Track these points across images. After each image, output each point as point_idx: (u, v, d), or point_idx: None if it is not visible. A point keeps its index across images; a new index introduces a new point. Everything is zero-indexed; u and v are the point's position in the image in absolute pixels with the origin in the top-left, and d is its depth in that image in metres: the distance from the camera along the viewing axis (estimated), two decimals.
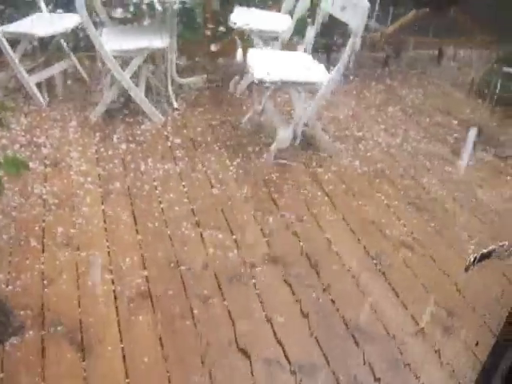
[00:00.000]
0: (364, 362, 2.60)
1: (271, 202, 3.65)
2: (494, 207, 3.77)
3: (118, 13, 4.84)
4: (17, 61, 4.60)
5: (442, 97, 5.36)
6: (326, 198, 3.73)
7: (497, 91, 4.55)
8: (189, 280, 2.98)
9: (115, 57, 4.24)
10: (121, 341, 2.60)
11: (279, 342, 2.65)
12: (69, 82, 5.13)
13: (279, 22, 4.86)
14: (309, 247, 3.27)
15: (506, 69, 4.89)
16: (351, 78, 5.33)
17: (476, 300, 2.98)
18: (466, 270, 1.28)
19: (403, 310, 2.91)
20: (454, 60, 6.16)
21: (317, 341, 2.69)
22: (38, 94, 4.71)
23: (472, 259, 1.24)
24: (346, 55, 3.80)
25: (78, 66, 5.11)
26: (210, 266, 3.08)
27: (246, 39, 4.88)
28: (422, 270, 3.18)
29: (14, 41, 4.63)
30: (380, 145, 4.42)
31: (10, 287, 2.88)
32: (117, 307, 2.79)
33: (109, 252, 3.15)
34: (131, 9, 4.85)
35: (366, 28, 3.88)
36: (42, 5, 4.97)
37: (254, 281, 3.01)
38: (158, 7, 4.61)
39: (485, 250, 1.22)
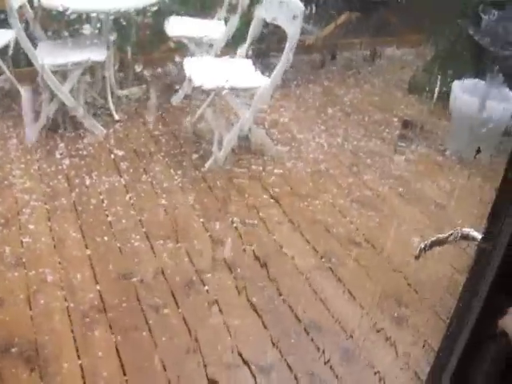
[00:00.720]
0: (320, 357, 2.66)
1: (218, 208, 3.68)
2: (437, 200, 3.88)
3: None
4: None
5: (378, 95, 5.47)
6: (272, 200, 3.78)
7: (433, 88, 4.66)
8: (142, 291, 2.99)
9: (53, 71, 4.20)
10: (78, 357, 2.61)
11: (236, 346, 2.69)
12: (6, 98, 5.05)
13: (214, 29, 4.89)
14: (259, 250, 3.32)
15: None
16: (289, 81, 5.40)
17: (425, 290, 3.07)
18: (417, 257, 1.34)
19: (355, 304, 2.98)
20: (387, 59, 6.29)
21: (272, 341, 2.74)
22: None
23: (423, 246, 1.30)
24: (283, 60, 3.86)
25: (15, 82, 5.03)
26: (162, 276, 3.10)
27: (182, 47, 4.90)
28: (370, 264, 3.26)
29: None
30: (322, 145, 4.49)
31: None
32: (71, 323, 2.79)
33: (59, 269, 3.13)
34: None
35: (301, 31, 3.94)
36: None
37: (206, 287, 3.04)
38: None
39: (437, 236, 1.28)
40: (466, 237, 1.20)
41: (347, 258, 3.32)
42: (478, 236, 1.14)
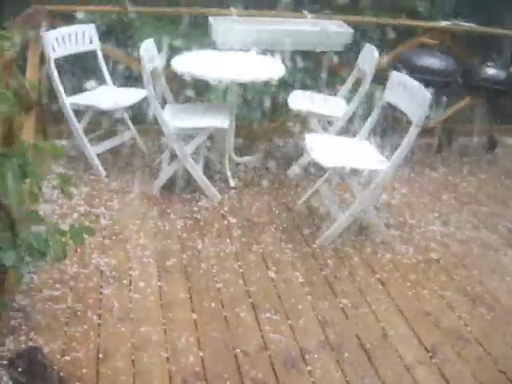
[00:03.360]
0: None
1: (327, 288, 3.65)
2: None
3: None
4: (80, 131, 4.76)
5: (495, 186, 5.35)
6: (381, 286, 3.72)
7: None
8: (244, 363, 2.98)
9: (176, 134, 4.36)
10: None
11: None
12: (129, 154, 5.26)
13: (336, 107, 4.96)
14: (364, 335, 3.25)
15: None
16: (404, 163, 5.36)
17: None
18: None
19: None
20: (506, 148, 6.17)
21: None
22: (99, 165, 4.84)
23: None
24: (405, 145, 3.85)
25: (138, 139, 5.25)
26: (265, 350, 3.08)
27: (303, 122, 4.98)
28: (477, 365, 3.13)
29: (79, 110, 4.80)
30: (434, 233, 4.40)
31: (64, 358, 2.92)
32: None
33: (165, 330, 3.17)
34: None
35: None
36: (108, 78, 5.16)
37: (308, 368, 2.99)
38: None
39: None
40: None
41: (453, 354, 3.19)
42: None
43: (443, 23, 5.78)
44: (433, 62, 5.35)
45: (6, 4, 5.27)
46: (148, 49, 4.36)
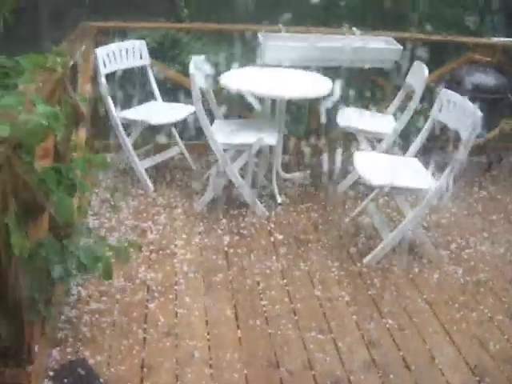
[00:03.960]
0: None
1: (373, 307, 3.61)
2: None
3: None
4: (129, 145, 4.82)
5: None
6: (428, 306, 3.66)
7: None
8: (288, 382, 2.96)
9: (224, 149, 4.38)
10: None
11: None
12: (176, 168, 5.31)
13: (384, 124, 4.93)
14: (410, 358, 3.20)
15: None
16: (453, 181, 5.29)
17: None
18: None
19: None
20: None
21: None
22: (147, 179, 4.89)
23: None
24: (455, 164, 3.80)
25: (186, 154, 5.30)
26: (310, 370, 3.06)
27: (351, 139, 4.95)
28: None
29: (128, 125, 4.87)
30: (483, 253, 4.32)
31: (110, 371, 2.95)
32: None
33: (209, 346, 3.17)
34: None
35: None
36: (157, 94, 5.22)
37: None
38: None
39: None
40: None
41: (502, 378, 3.12)
42: None
43: (494, 39, 5.69)
44: (483, 78, 5.27)
45: (63, 20, 5.40)
46: (197, 65, 4.40)
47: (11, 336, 2.58)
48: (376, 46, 5.30)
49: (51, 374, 2.87)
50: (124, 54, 4.97)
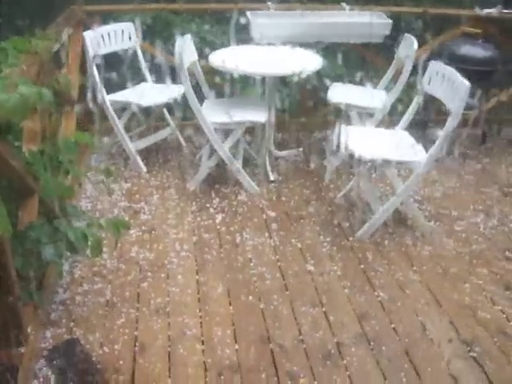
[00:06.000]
0: None
1: (364, 280, 3.62)
2: None
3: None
4: (121, 127, 4.81)
5: None
6: (420, 278, 3.66)
7: None
8: (279, 357, 2.98)
9: (215, 128, 4.37)
10: None
11: None
12: (168, 149, 5.31)
13: (375, 99, 4.90)
14: (402, 330, 3.21)
15: None
16: (445, 154, 5.27)
17: None
18: None
19: None
20: None
21: None
22: (139, 161, 4.90)
23: None
24: (444, 135, 3.78)
25: (178, 135, 5.30)
26: (301, 343, 3.07)
27: (343, 114, 4.94)
28: None
29: (119, 108, 4.86)
30: (476, 225, 4.31)
31: (102, 350, 2.97)
32: (206, 379, 2.82)
33: (201, 322, 3.19)
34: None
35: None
36: (147, 75, 5.20)
37: (344, 361, 2.97)
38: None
39: None
40: None
41: (494, 348, 3.12)
42: None
43: (486, 11, 5.64)
44: (474, 51, 5.23)
45: (52, 7, 5.36)
46: (184, 44, 4.38)
47: (3, 317, 2.60)
48: (364, 21, 5.27)
49: (45, 353, 2.89)
50: (113, 36, 4.94)
